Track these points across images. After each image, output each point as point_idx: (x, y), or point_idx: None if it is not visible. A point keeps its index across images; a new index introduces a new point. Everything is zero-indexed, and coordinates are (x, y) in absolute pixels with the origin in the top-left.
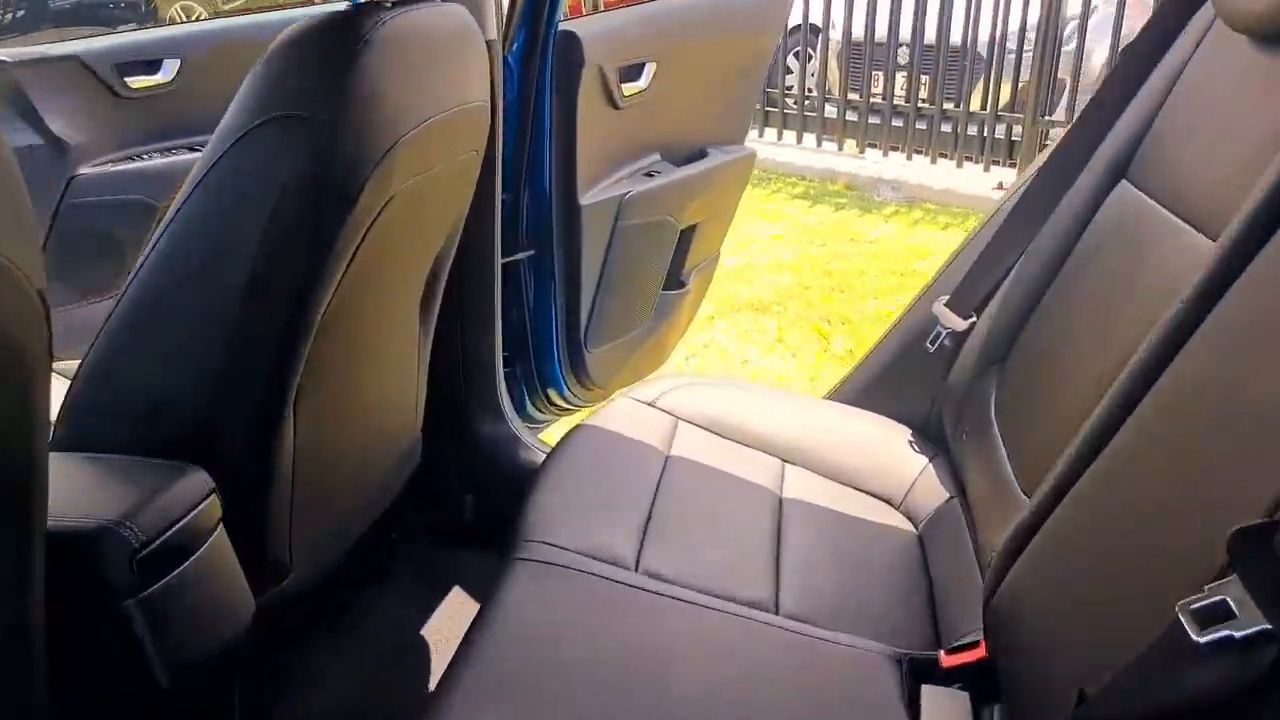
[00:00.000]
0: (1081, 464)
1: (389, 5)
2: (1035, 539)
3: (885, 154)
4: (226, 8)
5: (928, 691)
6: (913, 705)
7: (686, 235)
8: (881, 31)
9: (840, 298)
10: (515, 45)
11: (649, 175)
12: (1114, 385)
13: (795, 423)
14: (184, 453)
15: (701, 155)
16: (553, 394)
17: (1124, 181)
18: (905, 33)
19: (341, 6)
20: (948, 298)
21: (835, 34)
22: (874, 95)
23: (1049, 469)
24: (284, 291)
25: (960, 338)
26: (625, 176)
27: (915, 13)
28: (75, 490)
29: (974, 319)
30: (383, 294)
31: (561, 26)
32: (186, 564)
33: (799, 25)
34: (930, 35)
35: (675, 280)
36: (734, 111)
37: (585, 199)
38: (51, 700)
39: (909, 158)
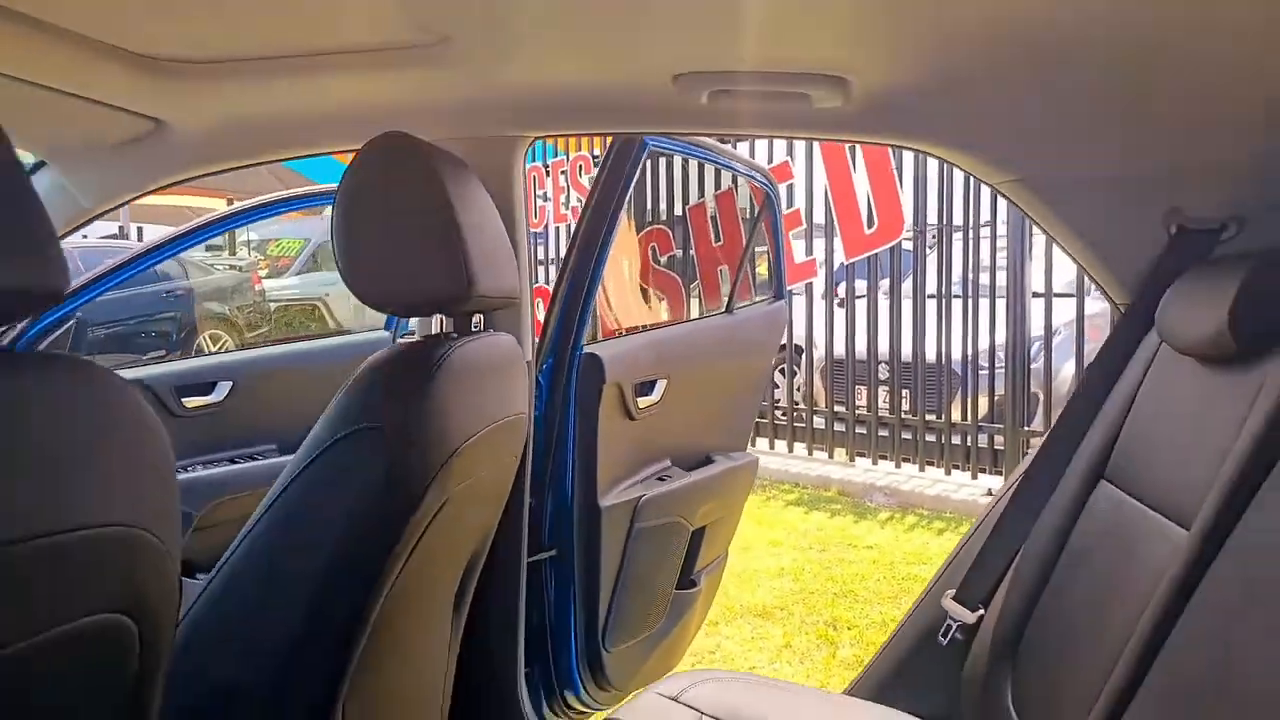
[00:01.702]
0: None
1: (455, 336)
2: None
3: (875, 462)
4: (250, 336)
5: None
6: None
7: (697, 536)
8: (861, 349)
9: (844, 602)
10: (545, 365)
11: (661, 479)
12: (1111, 679)
13: (813, 716)
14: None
15: (708, 461)
16: (569, 696)
17: (1103, 481)
18: (884, 350)
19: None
20: (954, 591)
21: (818, 352)
22: (859, 408)
23: None
24: (348, 590)
25: (971, 630)
26: (640, 480)
27: (890, 333)
28: None
29: (982, 611)
30: (422, 594)
31: (586, 349)
32: None
33: (784, 344)
34: (907, 353)
35: (687, 579)
36: (736, 422)
37: (605, 501)
38: None
39: (897, 465)
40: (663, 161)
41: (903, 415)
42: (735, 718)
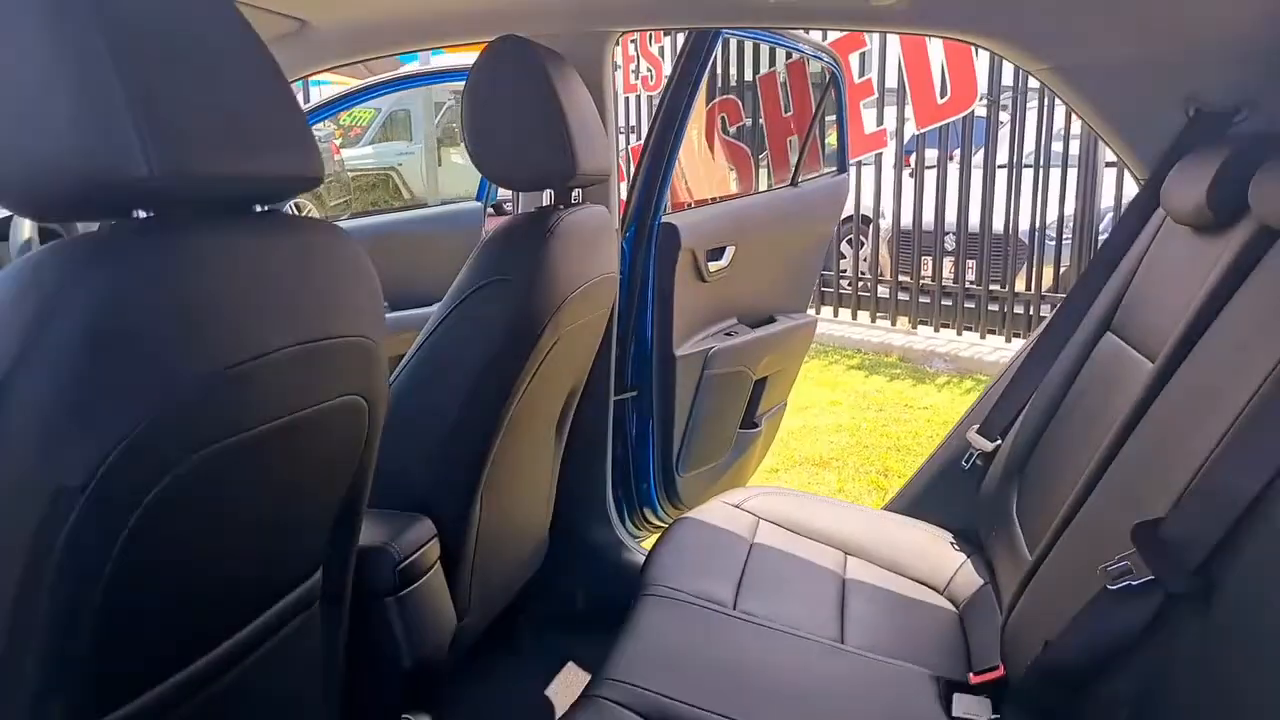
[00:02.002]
0: (1062, 525)
1: (561, 207)
2: (1033, 579)
3: (936, 330)
4: (333, 204)
5: (959, 698)
6: (947, 708)
7: (759, 385)
8: (929, 219)
9: (896, 455)
10: (628, 234)
11: (728, 335)
12: (1084, 474)
13: (856, 525)
14: (416, 510)
15: (771, 320)
16: (648, 513)
17: (1108, 333)
18: (951, 220)
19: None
20: (978, 426)
21: (886, 222)
22: (923, 278)
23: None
24: (487, 404)
25: (988, 458)
26: (710, 335)
27: (959, 203)
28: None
29: (999, 442)
30: (535, 415)
31: (664, 219)
32: (420, 581)
33: (849, 215)
34: (975, 223)
35: (750, 421)
36: (797, 286)
37: (679, 351)
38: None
39: (959, 333)
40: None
41: (967, 285)
42: (787, 521)
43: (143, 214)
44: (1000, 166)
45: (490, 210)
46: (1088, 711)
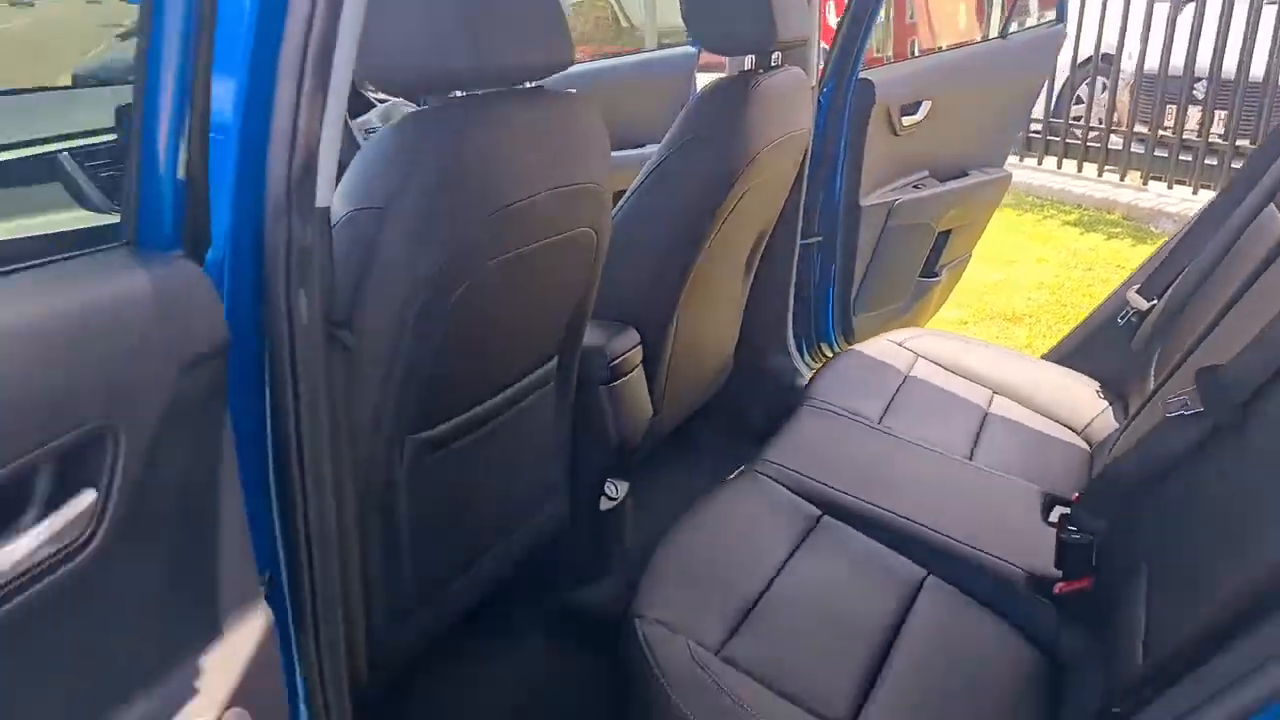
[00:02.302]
0: (1168, 376)
1: (761, 71)
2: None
3: (1170, 187)
4: None
5: (1058, 510)
6: (1045, 517)
7: (943, 237)
8: (1177, 64)
9: None
10: (826, 89)
11: (916, 187)
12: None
13: (1010, 369)
14: (627, 322)
15: (963, 174)
16: (824, 346)
17: (1270, 204)
18: (1203, 64)
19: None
20: (1139, 286)
21: (1129, 65)
22: (1164, 130)
23: None
24: (690, 236)
25: (1142, 316)
26: (897, 187)
27: (1215, 45)
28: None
29: (1154, 302)
30: (727, 252)
31: (861, 75)
32: (626, 377)
33: (1090, 57)
34: (1229, 69)
35: (931, 270)
36: (997, 140)
37: (865, 201)
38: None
39: (1195, 192)
40: None
41: (1210, 139)
42: (944, 360)
43: (460, 94)
44: (1270, 2)
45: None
46: (1139, 520)
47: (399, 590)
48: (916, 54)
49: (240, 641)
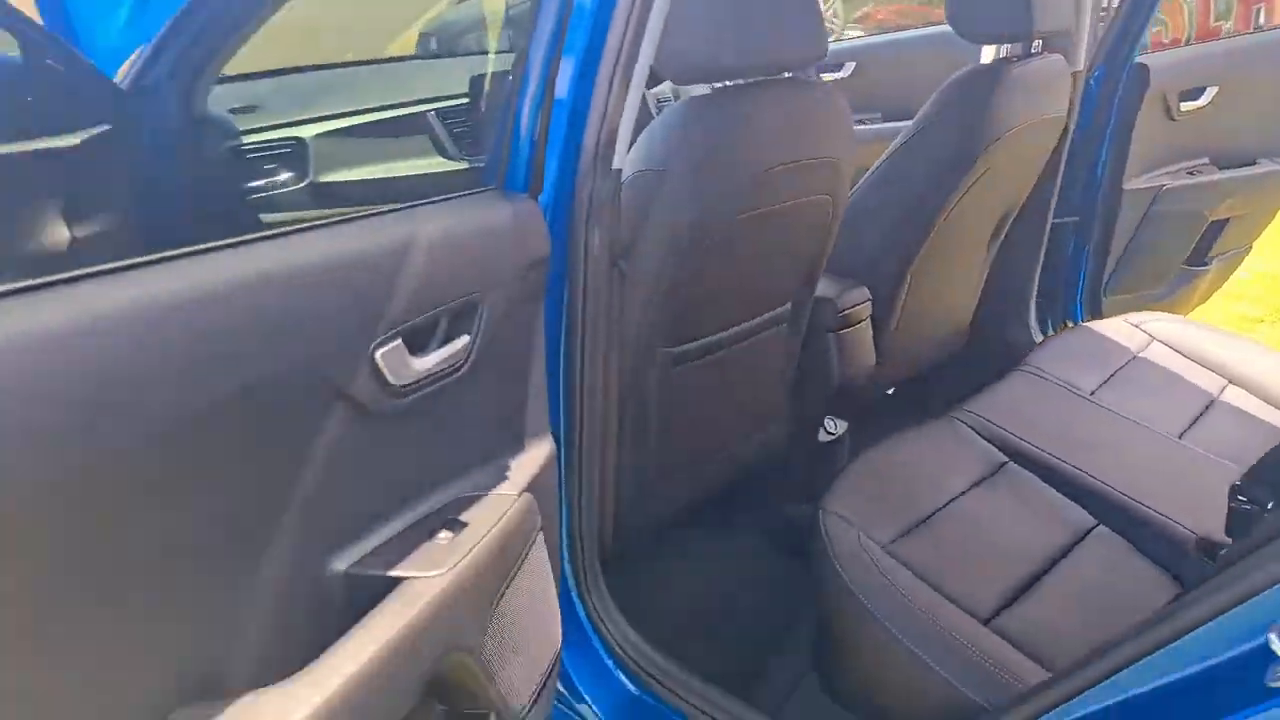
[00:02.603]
0: None
1: (1015, 60)
2: None
3: None
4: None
5: None
6: None
7: (1216, 226)
8: None
9: None
10: (1096, 73)
11: (1190, 174)
12: None
13: (1256, 364)
14: (860, 279)
15: (1251, 163)
16: (1069, 324)
17: None
18: None
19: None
20: None
21: None
22: None
23: None
24: (922, 211)
25: None
26: (1170, 172)
27: None
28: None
29: None
30: (966, 228)
31: (1138, 59)
32: (852, 328)
33: None
34: None
35: (1200, 259)
36: None
37: (1129, 185)
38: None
39: None
40: None
41: None
42: (1180, 345)
43: (728, 83)
44: None
45: None
46: None
47: (640, 478)
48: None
49: (536, 454)
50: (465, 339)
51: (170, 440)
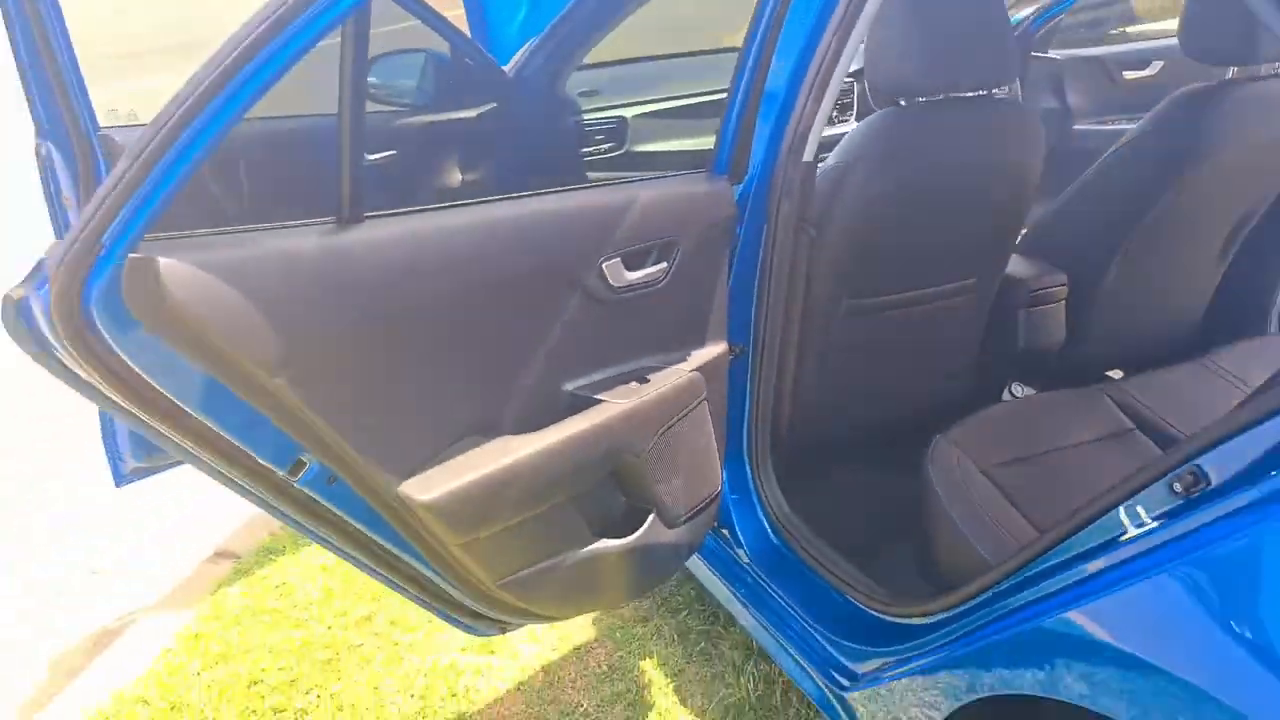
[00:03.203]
0: None
1: (1244, 81)
2: None
3: None
4: None
5: None
6: None
7: None
8: None
9: None
10: None
11: None
12: None
13: None
14: (1062, 266)
15: None
16: None
17: None
18: None
19: None
20: None
21: None
22: None
23: None
24: (1125, 218)
25: None
26: None
27: None
28: None
29: None
30: (1184, 231)
31: None
32: (1043, 307)
33: None
34: None
35: None
36: None
37: None
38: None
39: None
40: None
41: None
42: None
43: (904, 101)
44: None
45: None
46: None
47: (820, 396)
48: None
49: (710, 350)
50: (664, 265)
51: (498, 285)
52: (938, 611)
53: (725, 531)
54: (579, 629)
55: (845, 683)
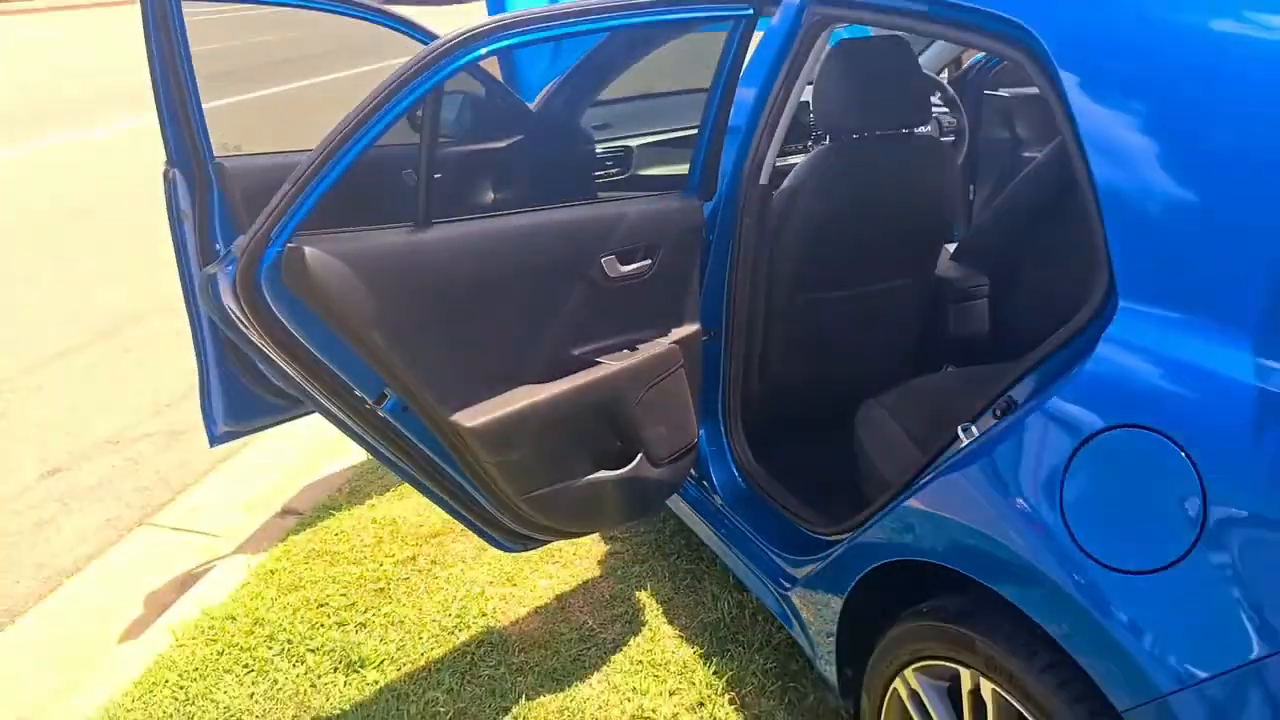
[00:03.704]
0: None
1: None
2: None
3: None
4: None
5: None
6: None
7: None
8: None
9: None
10: None
11: None
12: None
13: None
14: (983, 269)
15: None
16: None
17: None
18: None
19: None
20: None
21: None
22: None
23: None
24: (1036, 218)
25: None
26: None
27: None
28: None
29: None
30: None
31: None
32: (967, 303)
33: None
34: None
35: None
36: None
37: None
38: None
39: None
40: None
41: None
42: None
43: (855, 135)
44: None
45: None
46: None
47: (781, 369)
48: None
49: (685, 329)
50: (649, 261)
51: (525, 273)
52: (850, 528)
53: (705, 483)
54: (586, 568)
55: (787, 585)
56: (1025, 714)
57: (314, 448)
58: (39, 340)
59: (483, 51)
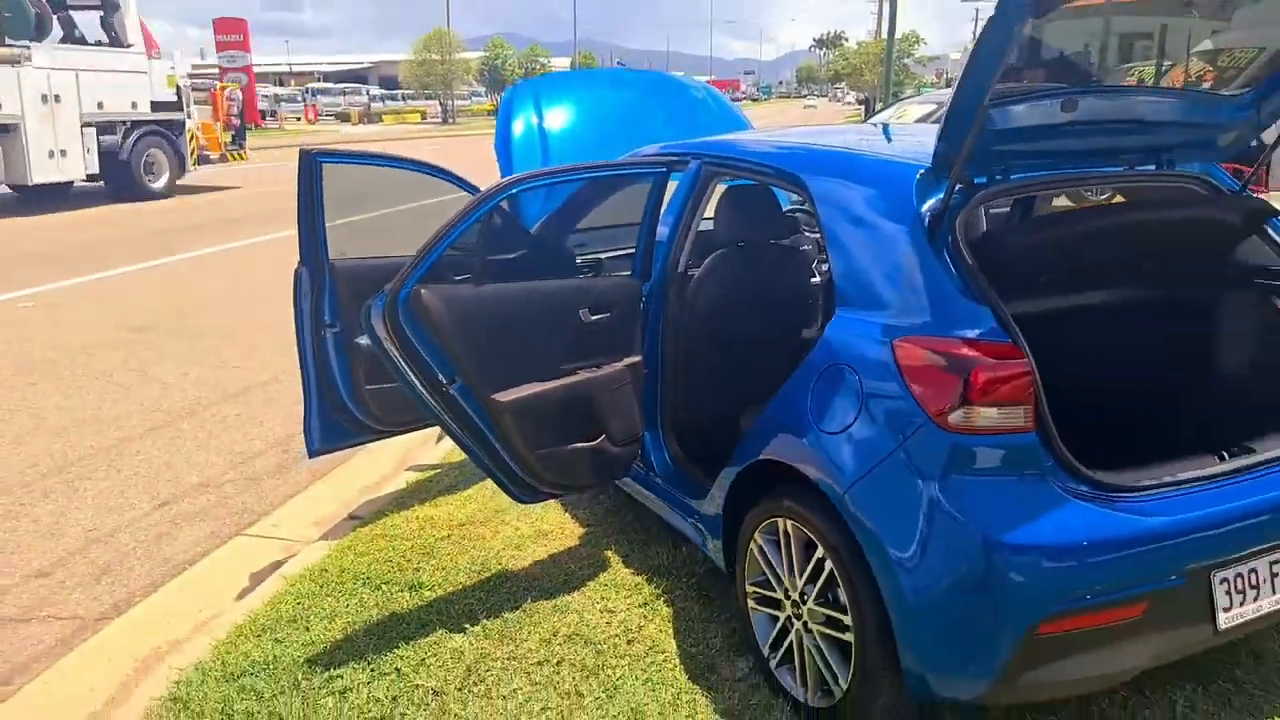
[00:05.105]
0: None
1: None
2: None
3: None
4: None
5: None
6: None
7: None
8: None
9: None
10: None
11: None
12: None
13: None
14: None
15: None
16: None
17: None
18: None
19: None
20: None
21: None
22: None
23: None
24: None
25: None
26: None
27: None
28: None
29: None
30: None
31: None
32: None
33: None
34: None
35: None
36: None
37: None
38: None
39: None
40: None
41: None
42: None
43: (739, 244)
44: None
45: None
46: None
47: (692, 400)
48: None
49: (630, 359)
50: (609, 314)
51: (535, 317)
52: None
53: (650, 469)
54: (569, 540)
55: (696, 515)
56: (810, 536)
57: (367, 484)
58: (128, 420)
59: (512, 192)
